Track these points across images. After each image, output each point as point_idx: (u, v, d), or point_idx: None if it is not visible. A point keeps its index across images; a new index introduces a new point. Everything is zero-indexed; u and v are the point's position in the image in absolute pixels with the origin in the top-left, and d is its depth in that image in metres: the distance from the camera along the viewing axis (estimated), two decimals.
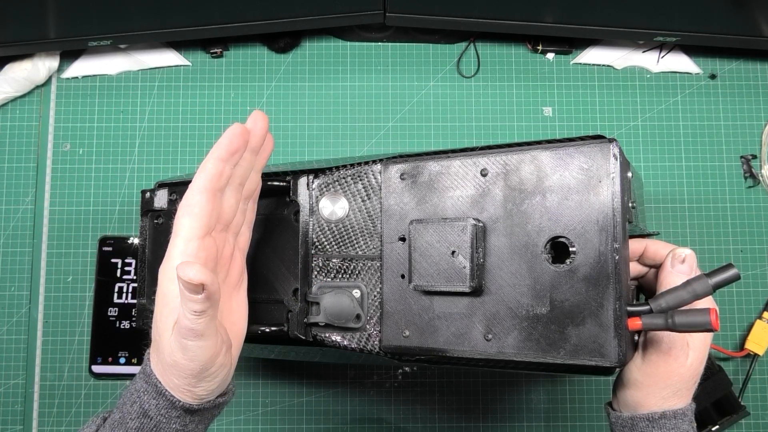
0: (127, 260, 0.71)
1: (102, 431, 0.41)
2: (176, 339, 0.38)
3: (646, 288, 0.51)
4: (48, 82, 0.74)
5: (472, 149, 0.46)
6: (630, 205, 0.43)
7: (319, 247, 0.49)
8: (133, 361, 0.70)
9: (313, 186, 0.50)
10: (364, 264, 0.48)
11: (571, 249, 0.42)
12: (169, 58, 0.75)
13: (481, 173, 0.45)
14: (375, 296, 0.48)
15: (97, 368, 0.70)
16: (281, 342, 0.50)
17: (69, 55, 0.74)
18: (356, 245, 0.48)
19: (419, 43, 0.76)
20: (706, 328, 0.39)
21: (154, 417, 0.39)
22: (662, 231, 0.73)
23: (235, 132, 0.39)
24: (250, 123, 0.41)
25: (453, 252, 0.44)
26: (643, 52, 0.75)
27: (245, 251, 0.46)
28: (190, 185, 0.39)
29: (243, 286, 0.45)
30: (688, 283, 0.41)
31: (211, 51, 0.75)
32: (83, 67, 0.74)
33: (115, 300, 0.71)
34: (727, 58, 0.76)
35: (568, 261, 0.42)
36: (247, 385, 0.71)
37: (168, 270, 0.39)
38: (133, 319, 0.70)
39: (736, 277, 0.41)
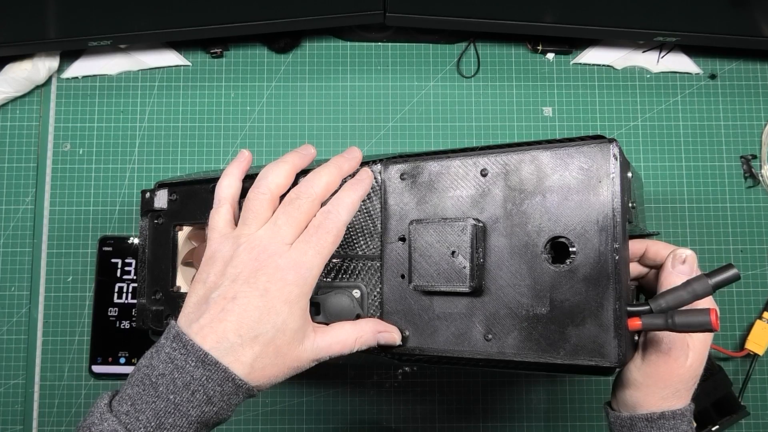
0: (127, 260, 0.71)
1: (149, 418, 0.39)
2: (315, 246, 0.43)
3: (646, 288, 0.51)
4: (48, 82, 0.74)
5: (472, 149, 0.46)
6: (630, 205, 0.43)
7: None
8: (133, 361, 0.70)
9: None
10: (364, 264, 0.48)
11: (571, 249, 0.42)
12: (169, 58, 0.75)
13: (481, 173, 0.45)
14: (375, 296, 0.48)
15: (97, 368, 0.70)
16: None
17: (69, 55, 0.74)
18: (356, 245, 0.48)
19: (419, 43, 0.76)
20: (706, 329, 0.39)
21: (217, 403, 0.39)
22: (662, 231, 0.73)
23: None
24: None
25: (453, 252, 0.44)
26: (643, 52, 0.75)
27: None
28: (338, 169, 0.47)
29: None
30: (688, 283, 0.41)
31: (211, 51, 0.75)
32: (83, 67, 0.74)
33: (115, 300, 0.71)
34: (727, 58, 0.76)
35: (568, 261, 0.42)
36: None
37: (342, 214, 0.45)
38: (133, 319, 0.70)
39: (736, 277, 0.41)
